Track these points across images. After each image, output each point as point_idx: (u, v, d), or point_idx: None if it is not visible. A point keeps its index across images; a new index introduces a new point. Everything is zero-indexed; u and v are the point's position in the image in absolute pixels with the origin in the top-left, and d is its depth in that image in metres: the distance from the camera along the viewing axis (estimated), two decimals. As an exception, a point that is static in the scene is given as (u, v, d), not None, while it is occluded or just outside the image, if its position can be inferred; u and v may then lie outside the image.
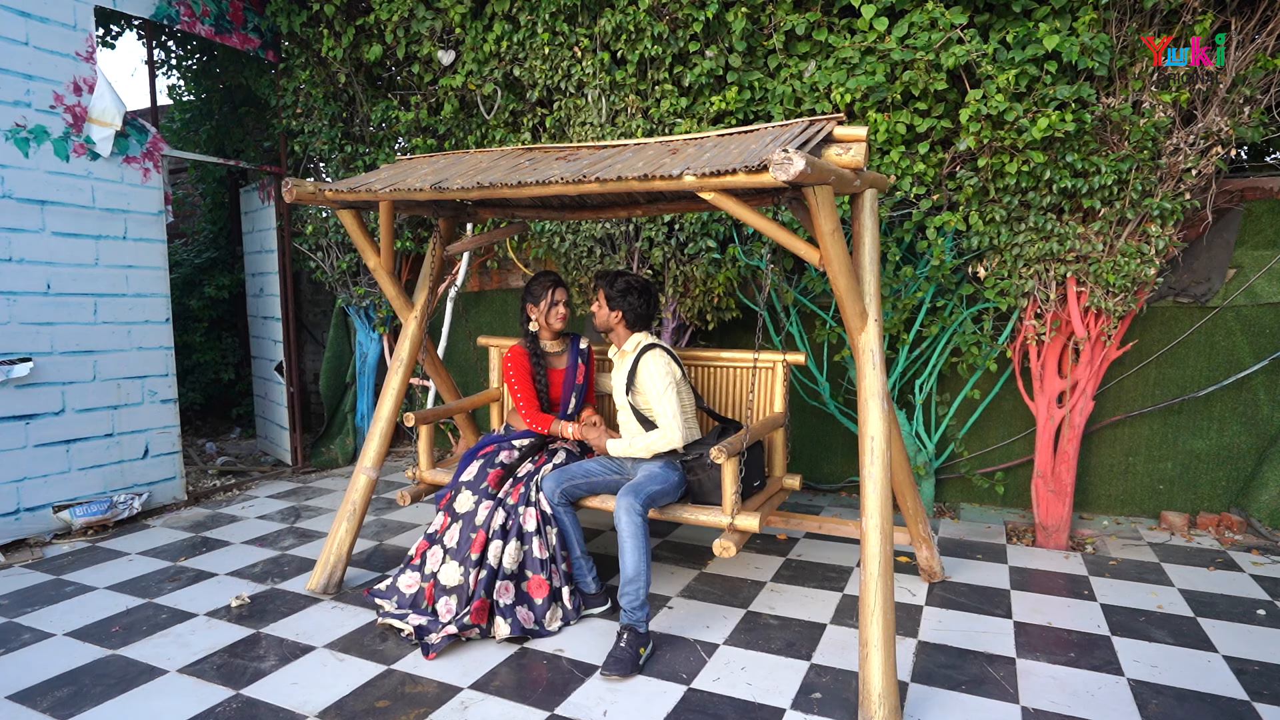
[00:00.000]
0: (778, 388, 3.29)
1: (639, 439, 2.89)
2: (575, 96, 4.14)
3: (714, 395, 3.50)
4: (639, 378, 2.90)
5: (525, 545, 2.87)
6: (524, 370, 3.21)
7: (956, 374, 4.23)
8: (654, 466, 2.91)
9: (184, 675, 2.57)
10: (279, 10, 4.80)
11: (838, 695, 2.42)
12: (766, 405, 3.34)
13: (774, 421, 3.18)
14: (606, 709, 2.35)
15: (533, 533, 2.87)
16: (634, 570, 2.67)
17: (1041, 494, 3.78)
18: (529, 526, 2.88)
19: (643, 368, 2.89)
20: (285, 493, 4.89)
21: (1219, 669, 2.58)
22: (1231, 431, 3.90)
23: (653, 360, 2.87)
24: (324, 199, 3.00)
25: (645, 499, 2.76)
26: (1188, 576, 3.37)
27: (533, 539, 2.87)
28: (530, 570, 2.86)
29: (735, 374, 3.46)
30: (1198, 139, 3.26)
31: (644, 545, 2.69)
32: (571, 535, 2.97)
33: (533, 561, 2.86)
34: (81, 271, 4.09)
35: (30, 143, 3.85)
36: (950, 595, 3.20)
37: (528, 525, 2.88)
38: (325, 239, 5.37)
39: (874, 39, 3.43)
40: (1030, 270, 3.57)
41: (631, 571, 2.67)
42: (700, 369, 3.54)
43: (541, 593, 2.84)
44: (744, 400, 3.40)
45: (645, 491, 2.77)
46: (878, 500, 2.38)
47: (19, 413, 3.84)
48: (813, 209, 2.19)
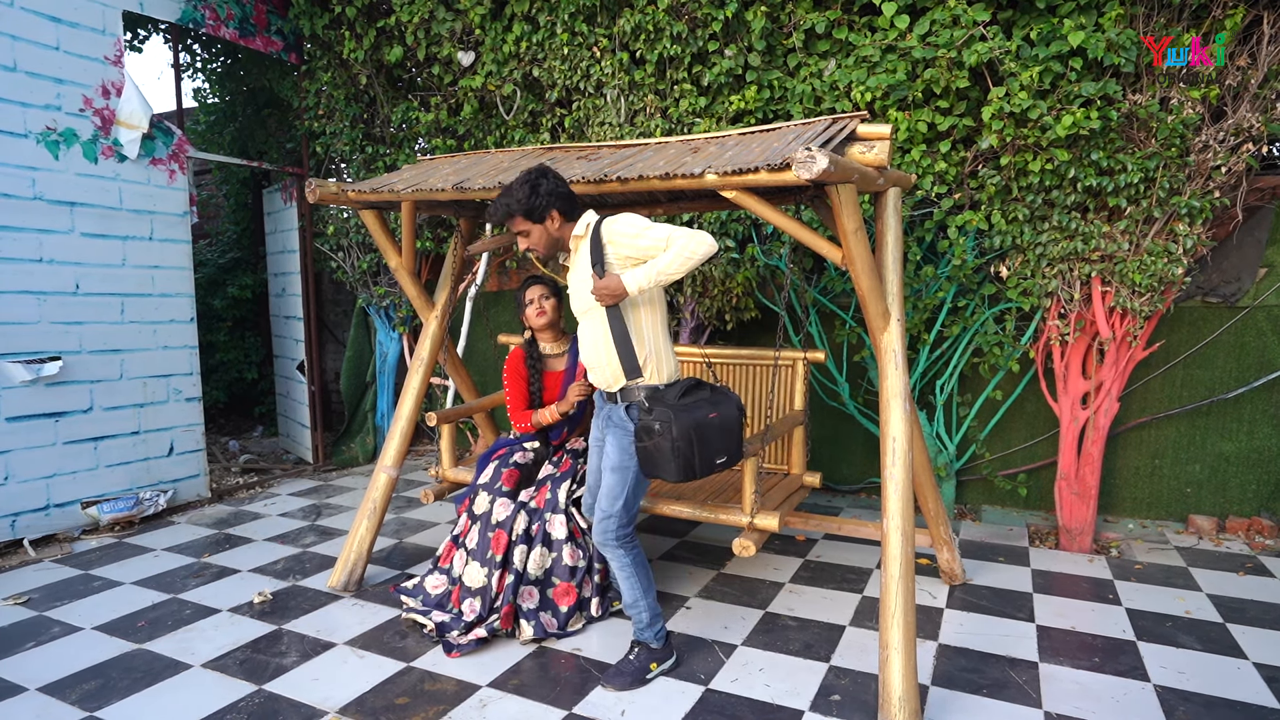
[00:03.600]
0: (798, 385, 3.30)
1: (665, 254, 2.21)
2: (594, 96, 4.14)
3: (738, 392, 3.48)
4: (611, 239, 2.30)
5: (553, 552, 2.87)
6: (516, 372, 3.12)
7: (978, 375, 4.19)
8: (611, 450, 2.46)
9: (208, 670, 2.61)
10: (301, 13, 4.86)
11: (857, 698, 2.40)
12: (786, 403, 3.34)
13: (793, 419, 3.17)
14: (624, 709, 2.35)
15: (562, 540, 2.86)
16: (630, 597, 2.51)
17: (1065, 496, 3.73)
18: (557, 534, 2.87)
19: (609, 227, 2.31)
20: (307, 490, 4.94)
21: (1249, 676, 2.53)
22: (1262, 434, 3.82)
23: (619, 217, 2.33)
24: (347, 199, 3.03)
25: (619, 519, 2.46)
26: (1216, 581, 3.31)
27: (563, 546, 2.86)
28: (558, 577, 2.86)
29: (756, 371, 3.47)
30: (1228, 136, 3.20)
31: (634, 571, 2.49)
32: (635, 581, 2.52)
33: (561, 569, 2.86)
34: (109, 272, 4.16)
35: (60, 145, 3.92)
36: (972, 598, 3.16)
37: (555, 532, 2.87)
38: (346, 239, 5.42)
39: (895, 37, 3.40)
40: (1054, 270, 3.52)
41: (629, 599, 2.51)
42: (721, 367, 3.55)
43: (568, 600, 2.85)
44: (764, 398, 3.39)
45: (613, 509, 2.45)
46: (899, 502, 2.36)
47: (49, 410, 3.91)
48: (836, 208, 2.18)
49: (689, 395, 2.37)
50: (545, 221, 2.35)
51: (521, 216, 2.34)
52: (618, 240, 2.29)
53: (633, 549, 2.51)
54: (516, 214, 2.33)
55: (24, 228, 3.79)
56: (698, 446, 2.30)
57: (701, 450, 2.30)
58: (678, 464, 2.28)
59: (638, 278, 2.24)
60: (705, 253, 2.18)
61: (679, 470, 2.29)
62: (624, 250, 2.29)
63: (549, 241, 2.39)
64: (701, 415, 2.32)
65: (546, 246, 2.40)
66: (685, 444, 2.28)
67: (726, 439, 2.38)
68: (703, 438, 2.30)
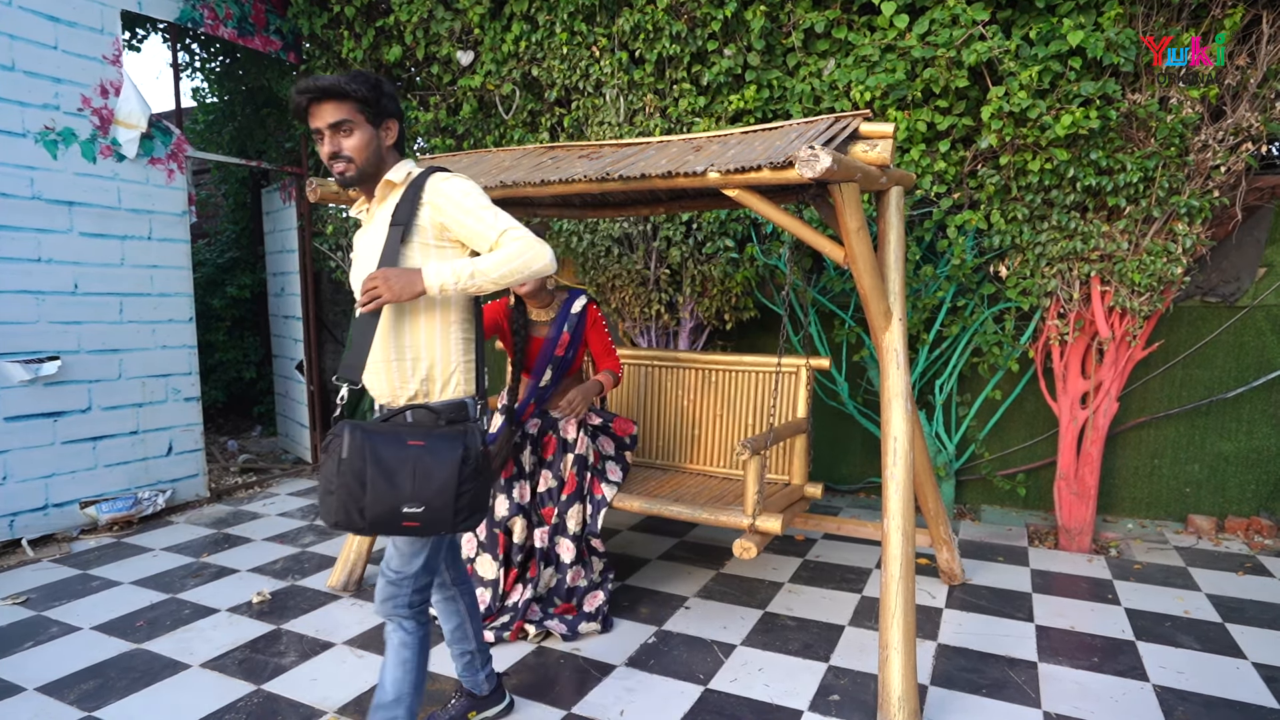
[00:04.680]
0: (801, 393, 3.22)
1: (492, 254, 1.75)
2: (593, 96, 4.14)
3: (736, 400, 3.46)
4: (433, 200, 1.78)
5: (560, 574, 2.86)
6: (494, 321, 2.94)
7: (977, 374, 4.19)
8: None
9: (206, 670, 2.60)
10: (300, 12, 4.85)
11: (856, 697, 2.40)
12: (790, 411, 3.26)
13: (796, 426, 3.12)
14: (624, 709, 2.34)
15: (569, 564, 2.85)
16: (394, 693, 1.87)
17: (1064, 496, 3.73)
18: (566, 558, 2.84)
19: (437, 185, 1.79)
20: (306, 490, 4.93)
21: (1248, 676, 2.53)
22: (1261, 434, 3.83)
23: (454, 178, 1.82)
24: (347, 198, 3.02)
25: (413, 583, 1.86)
26: (1215, 581, 3.31)
27: (568, 570, 2.85)
28: (559, 598, 2.85)
29: (757, 379, 3.40)
30: (1227, 135, 3.20)
31: (415, 656, 1.90)
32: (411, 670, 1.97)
33: (562, 590, 2.85)
34: (108, 271, 4.15)
35: (59, 145, 3.91)
36: (971, 598, 3.16)
37: (565, 556, 2.84)
38: (346, 239, 5.41)
39: (894, 36, 3.40)
40: (1053, 269, 3.52)
41: (390, 694, 1.87)
42: (722, 373, 3.48)
43: (571, 612, 2.86)
44: (766, 405, 3.35)
45: (408, 570, 1.85)
46: (900, 501, 2.36)
47: (47, 410, 3.90)
48: (838, 206, 2.18)
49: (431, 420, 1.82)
50: (381, 128, 1.81)
51: (356, 104, 1.75)
52: (442, 205, 1.77)
53: (424, 623, 1.91)
54: (351, 98, 1.73)
55: (22, 227, 3.79)
56: (371, 478, 1.64)
57: (376, 487, 1.64)
58: (336, 499, 1.65)
59: (443, 275, 1.71)
60: (540, 269, 1.75)
61: (335, 508, 1.66)
62: (443, 219, 1.78)
63: (372, 156, 1.80)
64: (396, 438, 1.68)
65: (367, 161, 1.79)
66: (351, 470, 1.64)
67: (424, 484, 1.66)
68: (385, 470, 1.65)
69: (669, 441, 3.58)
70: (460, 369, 1.88)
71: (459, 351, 1.87)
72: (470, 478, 1.72)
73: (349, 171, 1.79)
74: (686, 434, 3.54)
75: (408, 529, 1.69)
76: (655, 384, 3.62)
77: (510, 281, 1.75)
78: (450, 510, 1.70)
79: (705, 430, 3.50)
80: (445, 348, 1.85)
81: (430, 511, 1.68)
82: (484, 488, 1.78)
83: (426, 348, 1.83)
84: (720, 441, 3.48)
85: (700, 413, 3.51)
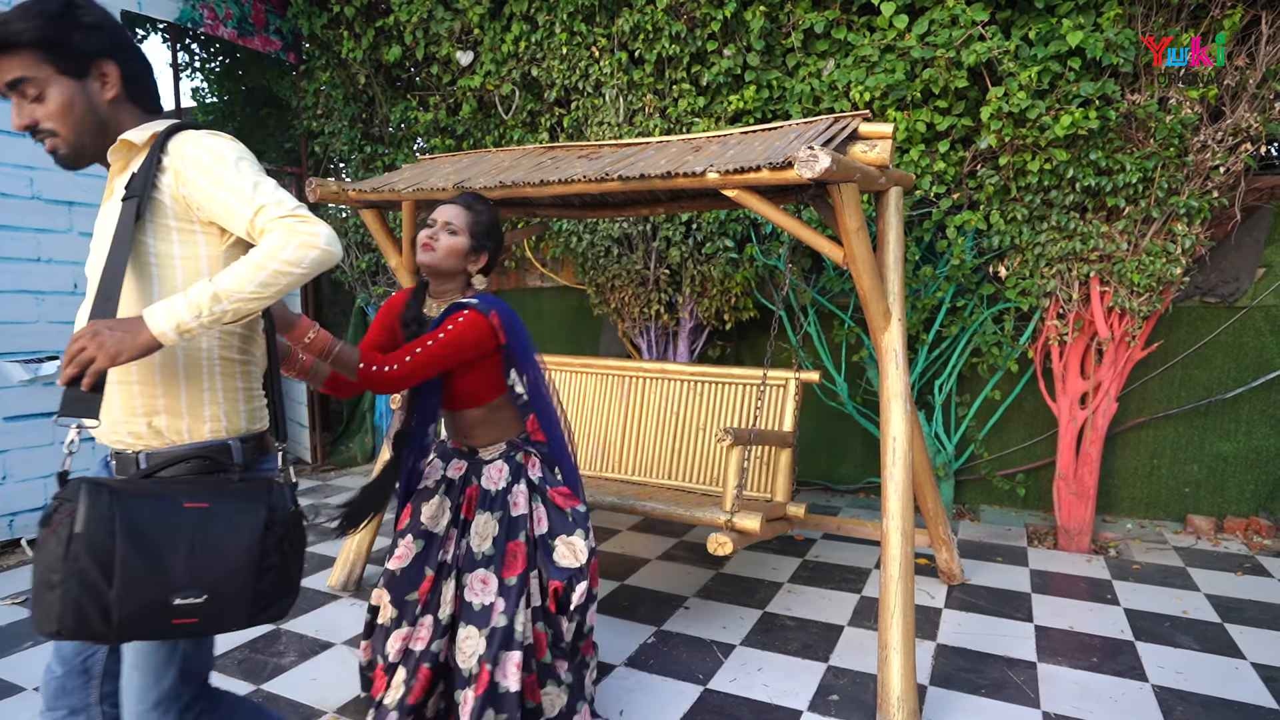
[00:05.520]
0: (788, 406, 3.05)
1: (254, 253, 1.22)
2: (593, 96, 4.14)
3: (724, 412, 3.30)
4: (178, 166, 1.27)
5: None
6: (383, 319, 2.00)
7: (977, 374, 4.19)
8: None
9: (206, 669, 2.60)
10: (300, 13, 4.86)
11: (855, 697, 2.41)
12: (775, 423, 3.08)
13: (781, 438, 2.89)
14: (623, 709, 2.34)
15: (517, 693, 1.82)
16: None
17: (1063, 496, 3.73)
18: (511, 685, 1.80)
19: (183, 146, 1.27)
20: (305, 490, 4.93)
21: (1247, 676, 2.53)
22: (1260, 434, 3.83)
23: (205, 137, 1.29)
24: (348, 199, 3.02)
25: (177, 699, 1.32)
26: (1214, 581, 3.31)
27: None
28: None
29: (745, 391, 3.25)
30: (1226, 135, 3.21)
31: None
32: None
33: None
34: (107, 271, 4.15)
35: (58, 144, 3.91)
36: (970, 598, 3.16)
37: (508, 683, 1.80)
38: (344, 239, 5.41)
39: (893, 36, 3.41)
40: (1052, 269, 3.53)
41: None
42: (708, 385, 3.31)
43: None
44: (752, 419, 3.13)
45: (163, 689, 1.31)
46: (899, 502, 2.36)
47: (47, 410, 3.90)
48: (837, 206, 2.18)
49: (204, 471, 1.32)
50: (88, 78, 1.27)
51: (35, 52, 1.22)
52: (184, 171, 1.26)
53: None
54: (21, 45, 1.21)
55: (22, 227, 3.78)
56: (123, 559, 1.14)
57: (130, 572, 1.14)
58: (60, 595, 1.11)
59: (176, 313, 1.19)
60: (314, 260, 1.23)
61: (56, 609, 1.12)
62: (186, 190, 1.27)
63: (85, 118, 1.28)
64: (164, 500, 1.21)
65: (79, 126, 1.28)
66: (89, 550, 1.12)
67: (207, 563, 1.19)
68: (145, 546, 1.16)
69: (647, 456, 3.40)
70: (221, 396, 1.35)
71: (216, 372, 1.35)
72: (274, 549, 1.26)
73: (60, 147, 1.28)
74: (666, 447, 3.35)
75: (180, 627, 1.18)
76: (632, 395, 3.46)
77: (279, 291, 1.22)
78: (247, 597, 1.22)
79: (685, 445, 3.32)
80: (191, 366, 1.32)
81: (215, 601, 1.19)
82: (294, 562, 1.31)
83: (162, 367, 1.30)
84: (702, 456, 3.28)
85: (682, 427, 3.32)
